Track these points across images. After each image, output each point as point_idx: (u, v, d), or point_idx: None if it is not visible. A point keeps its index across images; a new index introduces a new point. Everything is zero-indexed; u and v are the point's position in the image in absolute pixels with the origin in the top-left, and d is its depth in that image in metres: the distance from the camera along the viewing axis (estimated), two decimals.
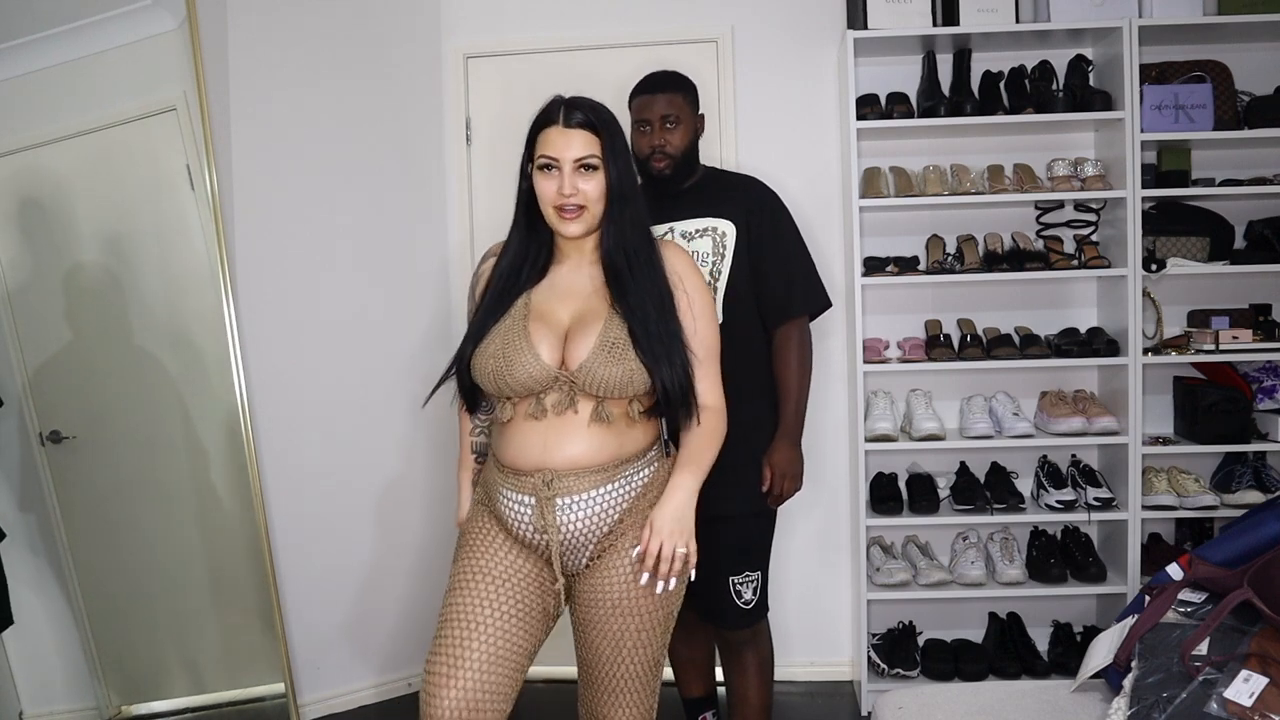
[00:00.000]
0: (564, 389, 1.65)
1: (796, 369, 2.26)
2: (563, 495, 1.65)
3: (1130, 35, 2.71)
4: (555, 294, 1.73)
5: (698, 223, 2.26)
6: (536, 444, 1.66)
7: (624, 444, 1.69)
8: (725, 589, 2.25)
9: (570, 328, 1.69)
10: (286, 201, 2.93)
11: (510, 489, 1.69)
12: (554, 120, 1.70)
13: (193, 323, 2.81)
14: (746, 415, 2.23)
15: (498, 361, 1.66)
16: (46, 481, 2.70)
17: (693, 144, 2.30)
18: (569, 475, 1.65)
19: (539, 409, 1.66)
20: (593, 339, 1.65)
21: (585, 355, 1.64)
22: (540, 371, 1.65)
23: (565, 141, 1.67)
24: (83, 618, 2.75)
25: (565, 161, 1.66)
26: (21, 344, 2.66)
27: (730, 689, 2.41)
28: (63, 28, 2.63)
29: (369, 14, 3.06)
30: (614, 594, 1.69)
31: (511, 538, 1.72)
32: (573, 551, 1.69)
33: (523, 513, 1.68)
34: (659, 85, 2.28)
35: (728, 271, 2.23)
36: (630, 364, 1.64)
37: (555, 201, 1.67)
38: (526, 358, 1.65)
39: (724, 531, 2.22)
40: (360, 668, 3.09)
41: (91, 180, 2.72)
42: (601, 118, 1.71)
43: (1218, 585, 1.71)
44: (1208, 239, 2.91)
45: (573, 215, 1.67)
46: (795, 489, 2.25)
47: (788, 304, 2.27)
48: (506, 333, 1.68)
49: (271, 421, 2.88)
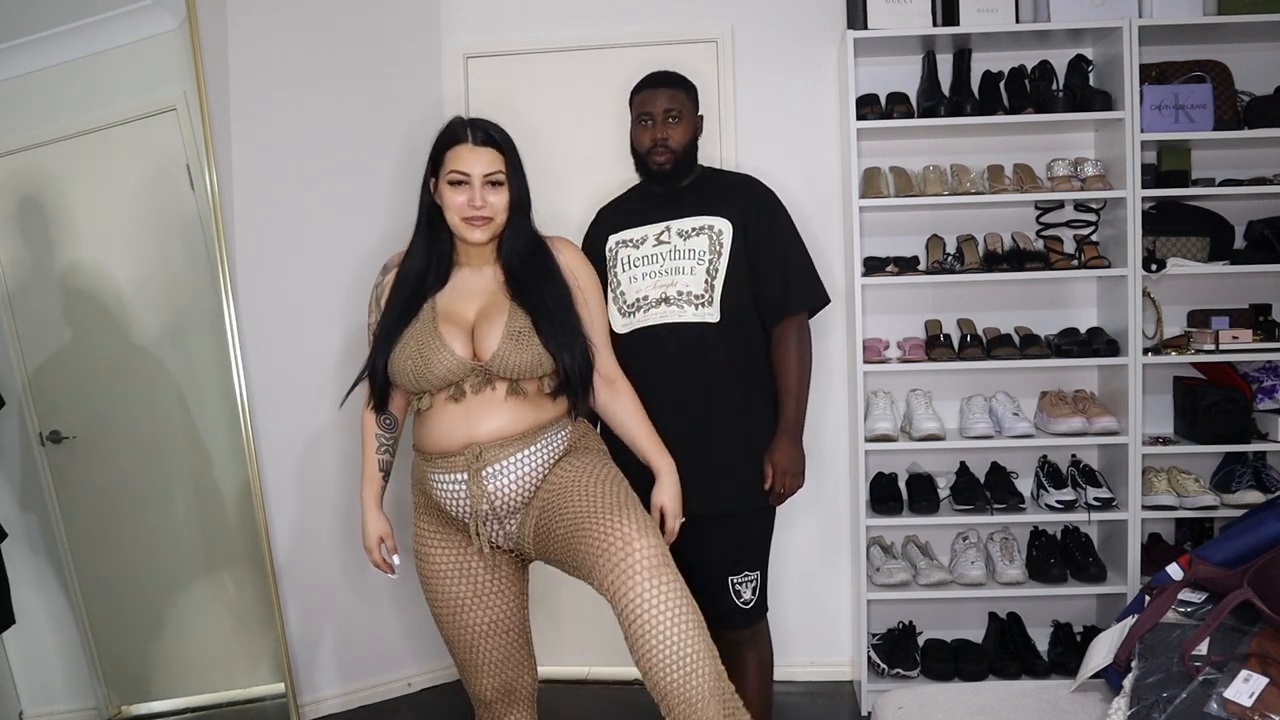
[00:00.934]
0: (479, 375, 1.81)
1: (796, 366, 2.26)
2: (490, 464, 1.79)
3: (1130, 35, 2.71)
4: (459, 295, 1.88)
5: (694, 221, 2.26)
6: (460, 422, 1.80)
7: (540, 414, 1.85)
8: (725, 588, 2.25)
9: (475, 323, 1.84)
10: (286, 201, 2.93)
11: (440, 472, 1.83)
12: (462, 139, 1.85)
13: (193, 323, 2.81)
14: (746, 414, 2.23)
15: (415, 361, 1.80)
16: (46, 481, 2.70)
17: (692, 142, 2.30)
18: (494, 445, 1.79)
19: (458, 392, 1.81)
20: (500, 330, 1.81)
21: (495, 345, 1.80)
22: (456, 365, 1.80)
23: (475, 158, 1.83)
24: (83, 618, 2.75)
25: (475, 177, 1.83)
26: (21, 344, 2.66)
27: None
28: (63, 28, 2.63)
29: (369, 14, 3.06)
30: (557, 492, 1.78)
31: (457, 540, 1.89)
32: (508, 518, 1.83)
33: (457, 490, 1.81)
34: (662, 81, 2.29)
35: (724, 270, 2.23)
36: (536, 350, 1.81)
37: (465, 213, 1.83)
38: (442, 355, 1.79)
39: (723, 530, 2.22)
40: (360, 668, 3.09)
41: (91, 180, 2.72)
42: (505, 137, 1.88)
43: (1218, 585, 1.71)
44: (1208, 239, 2.91)
45: (480, 224, 1.84)
46: (797, 486, 2.25)
47: (785, 301, 2.27)
48: (420, 334, 1.82)
49: (271, 421, 2.88)
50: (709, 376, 2.21)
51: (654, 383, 2.21)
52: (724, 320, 2.21)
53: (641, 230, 2.30)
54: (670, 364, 2.21)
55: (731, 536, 2.24)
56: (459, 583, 1.89)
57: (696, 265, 2.22)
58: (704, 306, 2.21)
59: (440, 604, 1.91)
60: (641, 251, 2.27)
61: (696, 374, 2.21)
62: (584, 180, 3.03)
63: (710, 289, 2.22)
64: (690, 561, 2.27)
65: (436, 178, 1.88)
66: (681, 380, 2.21)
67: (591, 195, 2.80)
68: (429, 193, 1.90)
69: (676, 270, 2.23)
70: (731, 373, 2.23)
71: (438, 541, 1.91)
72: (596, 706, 3.00)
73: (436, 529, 1.92)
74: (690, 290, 2.22)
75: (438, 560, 1.91)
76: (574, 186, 3.01)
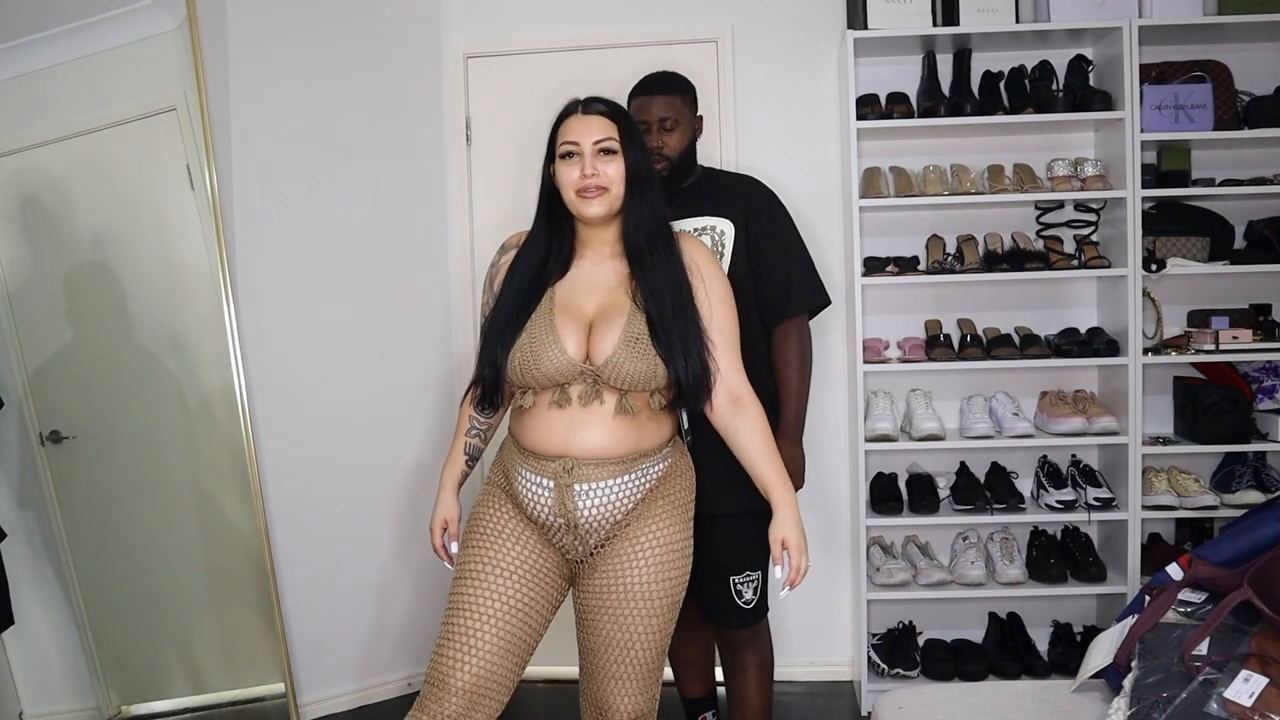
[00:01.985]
0: (589, 381, 1.70)
1: (796, 367, 2.26)
2: (582, 482, 1.69)
3: (1130, 35, 2.71)
4: (579, 288, 1.77)
5: (696, 221, 2.26)
6: (560, 431, 1.71)
7: (643, 437, 1.74)
8: (726, 588, 2.25)
9: (594, 321, 1.73)
10: (286, 201, 2.93)
11: (530, 470, 1.73)
12: (574, 111, 1.79)
13: (193, 323, 2.81)
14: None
15: (524, 354, 1.71)
16: (46, 481, 2.70)
17: (691, 146, 2.29)
18: (589, 464, 1.70)
19: (564, 398, 1.71)
20: (617, 333, 1.70)
21: (610, 350, 1.69)
22: (566, 365, 1.69)
23: (585, 127, 1.75)
24: (83, 618, 2.75)
25: (586, 145, 1.73)
26: (21, 344, 2.66)
27: (730, 689, 2.41)
28: (63, 28, 2.62)
29: (369, 14, 3.06)
30: (626, 581, 1.73)
31: (524, 520, 1.77)
32: (587, 537, 1.74)
33: (541, 495, 1.72)
34: (657, 87, 2.27)
35: (727, 270, 2.23)
36: (652, 359, 1.69)
37: (577, 185, 1.72)
38: (553, 351, 1.69)
39: (724, 530, 2.22)
40: (360, 668, 3.09)
41: (92, 180, 2.72)
42: (618, 108, 1.81)
43: (1218, 585, 1.71)
44: (1208, 239, 2.91)
45: (594, 195, 1.72)
46: (797, 487, 2.25)
47: (786, 302, 2.27)
48: (534, 326, 1.72)
49: (271, 421, 2.88)
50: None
51: None
52: None
53: None
54: None
55: (733, 536, 2.24)
56: (508, 547, 1.73)
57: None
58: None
59: (476, 560, 1.73)
60: None
61: None
62: None
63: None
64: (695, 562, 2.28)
65: (554, 162, 1.78)
66: None
67: None
68: (549, 176, 1.81)
69: None
70: None
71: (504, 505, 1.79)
72: None
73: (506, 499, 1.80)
74: None
75: (498, 519, 1.77)
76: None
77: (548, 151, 1.81)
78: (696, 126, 2.32)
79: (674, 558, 1.78)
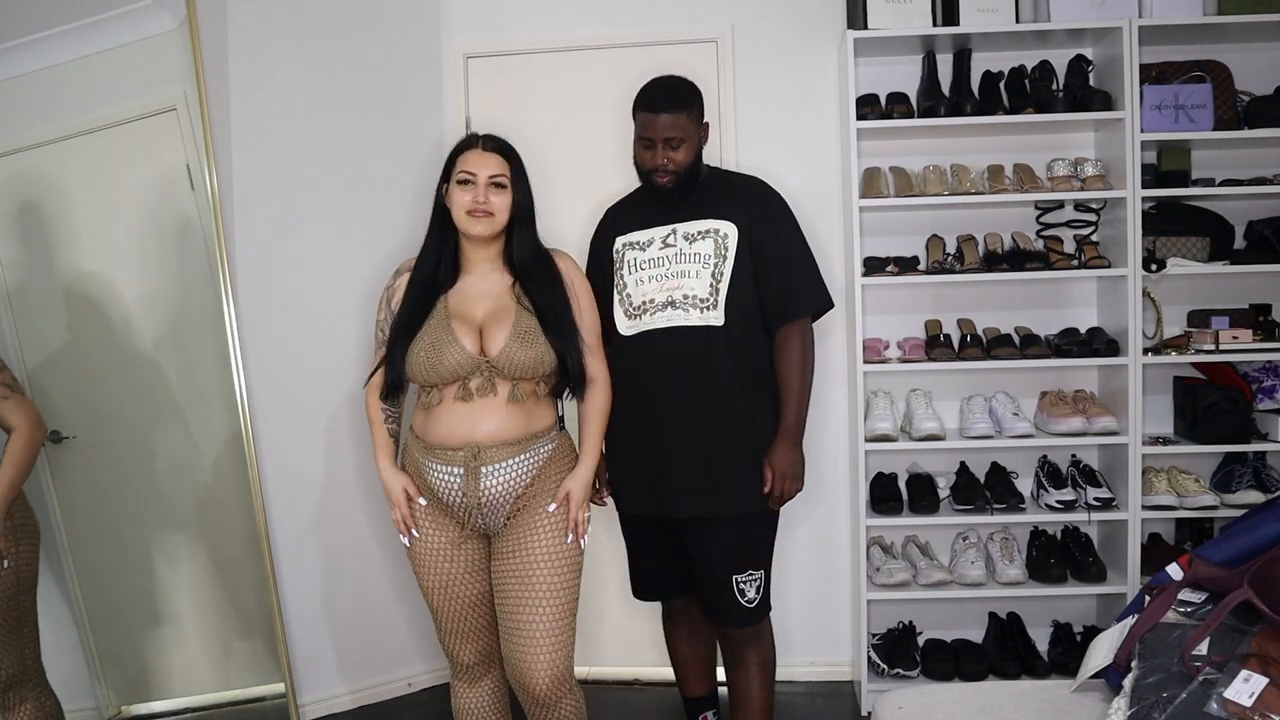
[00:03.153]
0: (485, 373, 1.99)
1: (799, 370, 2.26)
2: (486, 464, 1.99)
3: (1130, 35, 2.71)
4: (468, 297, 2.07)
5: (700, 224, 2.26)
6: (464, 423, 2.00)
7: (531, 421, 2.05)
8: (729, 587, 2.25)
9: (484, 323, 2.03)
10: (286, 201, 2.93)
11: (439, 463, 2.02)
12: (474, 145, 2.08)
13: (193, 323, 2.81)
14: (748, 416, 2.23)
15: (429, 354, 1.99)
16: (46, 481, 2.70)
17: (697, 157, 2.27)
18: (491, 447, 2.00)
19: (465, 392, 1.99)
20: (507, 329, 2.00)
21: (503, 343, 1.99)
22: (465, 359, 1.98)
23: (482, 161, 2.05)
24: (83, 618, 2.75)
25: (480, 177, 2.03)
26: (21, 344, 2.66)
27: (732, 688, 2.41)
28: (63, 28, 2.63)
29: (369, 14, 3.06)
30: (529, 546, 2.03)
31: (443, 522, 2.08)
32: (493, 511, 2.04)
33: (452, 482, 2.02)
34: (663, 104, 2.20)
35: (729, 273, 2.23)
36: (540, 348, 2.01)
37: (468, 207, 2.02)
38: (454, 349, 1.98)
39: (726, 531, 2.22)
40: (360, 668, 3.09)
41: (91, 180, 2.72)
42: (510, 148, 2.09)
43: (1218, 585, 1.71)
44: (1208, 239, 2.91)
45: (482, 216, 2.02)
46: (796, 490, 2.25)
47: (789, 305, 2.27)
48: (434, 330, 2.01)
49: (271, 422, 2.88)
50: (713, 379, 2.21)
51: (658, 385, 2.22)
52: (728, 323, 2.21)
53: (648, 233, 2.30)
54: (675, 367, 2.22)
55: (735, 537, 2.24)
56: (452, 561, 2.08)
57: (702, 269, 2.22)
58: (709, 310, 2.22)
59: (433, 579, 2.10)
60: (648, 254, 2.27)
61: (701, 377, 2.21)
62: (583, 179, 3.04)
63: (715, 293, 2.22)
64: (694, 560, 2.28)
65: (448, 183, 2.07)
66: (686, 383, 2.22)
67: (591, 194, 2.80)
68: (441, 198, 2.09)
69: (682, 274, 2.23)
70: (735, 375, 2.23)
71: (430, 525, 2.09)
72: (595, 706, 2.99)
73: (430, 513, 2.09)
74: (695, 294, 2.22)
75: (433, 541, 2.09)
76: (573, 185, 3.01)
77: (444, 173, 2.10)
78: (702, 136, 2.29)
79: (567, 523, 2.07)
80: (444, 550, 2.09)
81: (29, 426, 2.15)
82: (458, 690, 2.22)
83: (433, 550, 2.09)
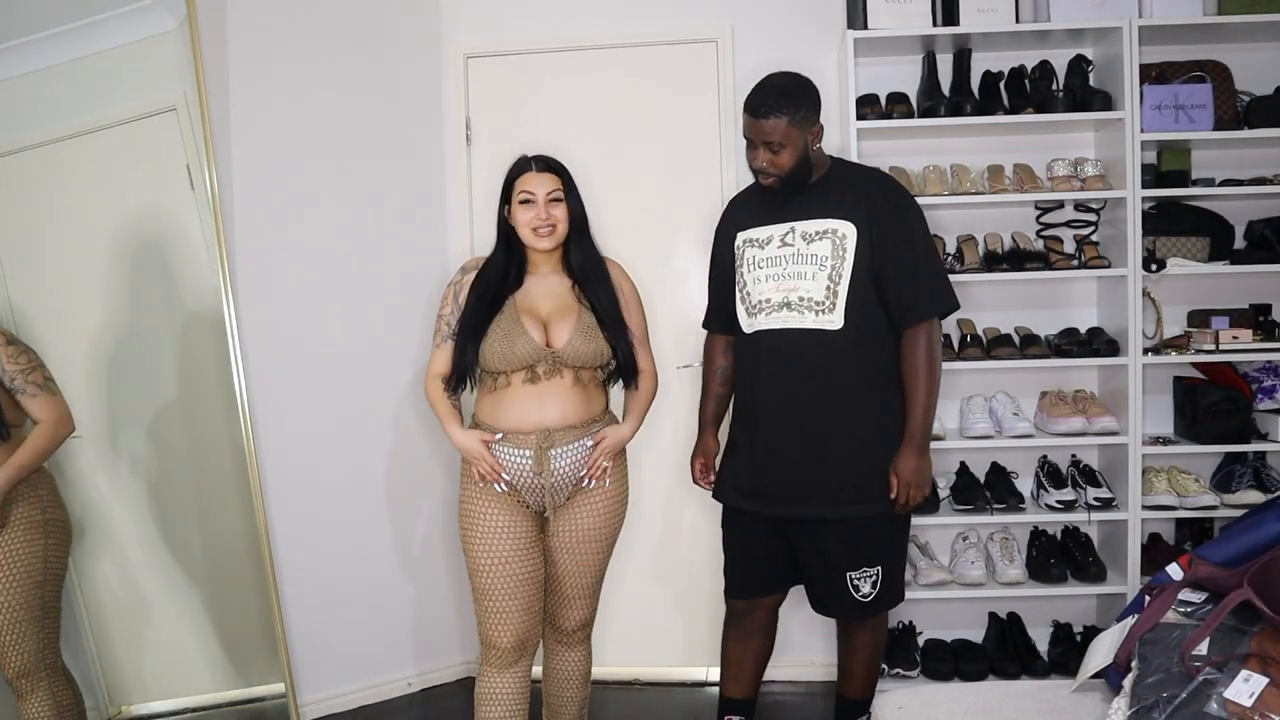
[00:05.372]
0: (549, 361, 2.19)
1: (925, 375, 2.22)
2: (556, 446, 2.19)
3: (1130, 35, 2.71)
4: (533, 296, 2.26)
5: (818, 224, 2.23)
6: (534, 407, 2.19)
7: (591, 406, 2.26)
8: (842, 583, 2.27)
9: (549, 319, 2.23)
10: (286, 201, 2.93)
11: (510, 446, 2.20)
12: (527, 168, 2.26)
13: (193, 323, 2.81)
14: (870, 420, 2.23)
15: (501, 344, 2.18)
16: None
17: (804, 158, 2.23)
18: (560, 430, 2.20)
19: (533, 376, 2.19)
20: (571, 324, 2.22)
21: (568, 336, 2.20)
22: (533, 349, 2.18)
23: (538, 181, 2.24)
24: (82, 618, 2.75)
25: (540, 195, 2.22)
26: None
27: (841, 658, 2.48)
28: (63, 27, 2.63)
29: (369, 14, 3.06)
30: (584, 526, 2.28)
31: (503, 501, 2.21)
32: (558, 490, 2.23)
33: (523, 464, 2.19)
34: (762, 107, 2.17)
35: (849, 275, 2.19)
36: (600, 341, 2.22)
37: (533, 225, 2.22)
38: (524, 339, 2.18)
39: (842, 532, 2.24)
40: (360, 668, 3.09)
41: (91, 180, 2.72)
42: (560, 166, 2.29)
43: (1218, 585, 1.71)
44: (1208, 239, 2.91)
45: (546, 233, 2.22)
46: (922, 497, 2.24)
47: (913, 307, 2.22)
48: (505, 323, 2.20)
49: (271, 421, 2.88)
50: (831, 382, 2.20)
51: (772, 385, 2.24)
52: (848, 325, 2.19)
53: (767, 230, 2.29)
54: (792, 368, 2.22)
55: (849, 537, 2.25)
56: (509, 538, 2.20)
57: (818, 271, 2.20)
58: (825, 313, 2.20)
59: (488, 556, 2.20)
60: (766, 253, 2.28)
61: (818, 379, 2.21)
62: (583, 179, 3.02)
63: (832, 295, 2.20)
64: (807, 559, 2.32)
65: (509, 204, 2.25)
66: (803, 385, 2.22)
67: (592, 194, 2.79)
68: (504, 218, 2.28)
69: (799, 275, 2.22)
70: (854, 378, 2.21)
71: (489, 504, 2.21)
72: (595, 705, 3.00)
73: (488, 493, 2.22)
74: (811, 296, 2.20)
75: (492, 519, 2.20)
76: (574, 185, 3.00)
77: (503, 195, 2.27)
78: (812, 137, 2.23)
79: (616, 505, 2.33)
80: (502, 529, 2.20)
81: (55, 421, 2.27)
82: (486, 675, 2.25)
83: (491, 528, 2.20)
